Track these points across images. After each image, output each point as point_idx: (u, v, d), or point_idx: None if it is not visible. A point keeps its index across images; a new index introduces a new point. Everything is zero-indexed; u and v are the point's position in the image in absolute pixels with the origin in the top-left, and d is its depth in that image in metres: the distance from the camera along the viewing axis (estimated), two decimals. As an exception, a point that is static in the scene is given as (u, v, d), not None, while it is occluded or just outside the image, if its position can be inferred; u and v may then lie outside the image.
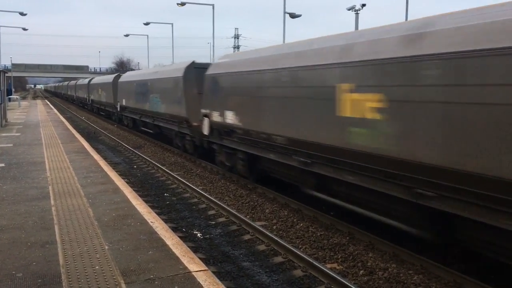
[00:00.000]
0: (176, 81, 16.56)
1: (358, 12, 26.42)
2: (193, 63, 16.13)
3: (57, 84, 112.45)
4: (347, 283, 5.87)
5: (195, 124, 14.71)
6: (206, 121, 13.17)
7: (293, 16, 30.53)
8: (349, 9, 26.82)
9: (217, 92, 12.41)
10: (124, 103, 26.31)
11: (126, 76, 27.38)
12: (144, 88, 21.64)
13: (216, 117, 12.37)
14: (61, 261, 5.35)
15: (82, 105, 51.12)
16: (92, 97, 40.46)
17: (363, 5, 26.59)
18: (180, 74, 16.21)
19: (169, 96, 17.61)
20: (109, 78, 32.46)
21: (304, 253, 7.06)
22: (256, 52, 11.59)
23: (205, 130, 13.26)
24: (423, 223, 6.63)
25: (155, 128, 21.03)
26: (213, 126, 12.74)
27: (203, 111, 13.31)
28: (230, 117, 11.41)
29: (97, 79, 40.15)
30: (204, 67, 14.74)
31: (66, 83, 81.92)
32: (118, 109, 27.85)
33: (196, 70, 15.61)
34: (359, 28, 25.69)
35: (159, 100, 19.06)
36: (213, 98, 12.68)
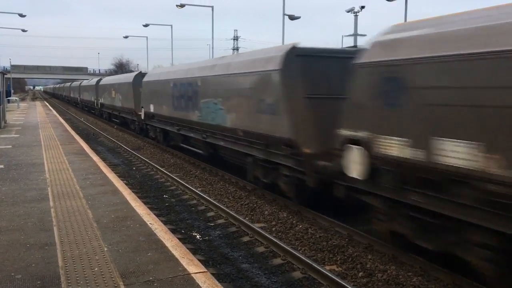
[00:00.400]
0: (265, 78, 9.88)
1: (357, 14, 26.47)
2: (294, 48, 9.41)
3: (56, 86, 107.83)
4: (347, 285, 5.87)
5: (309, 150, 8.66)
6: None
7: (292, 18, 30.59)
8: (348, 11, 26.88)
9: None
10: (152, 110, 19.55)
11: (156, 74, 20.26)
12: (189, 89, 14.83)
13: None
14: (60, 263, 5.35)
15: (88, 109, 45.16)
16: (102, 100, 34.56)
17: (362, 7, 26.66)
18: (274, 66, 9.51)
19: (250, 103, 10.73)
20: (128, 77, 26.22)
21: (303, 254, 7.06)
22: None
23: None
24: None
25: (207, 148, 14.25)
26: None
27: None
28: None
29: (110, 79, 34.77)
30: (316, 54, 9.54)
31: (68, 84, 75.17)
32: (142, 117, 21.35)
33: (301, 60, 9.29)
34: (358, 31, 25.77)
35: (222, 108, 12.22)
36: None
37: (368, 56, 6.84)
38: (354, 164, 6.95)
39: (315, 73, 9.16)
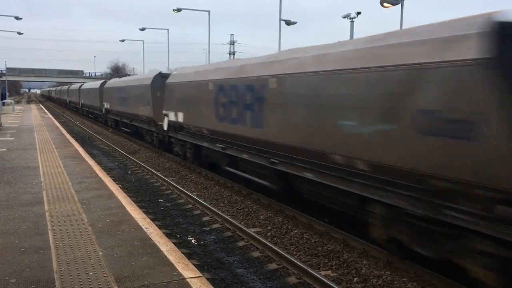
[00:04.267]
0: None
1: (353, 20, 26.58)
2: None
3: (53, 89, 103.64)
4: (341, 290, 5.87)
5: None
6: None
7: (288, 23, 30.68)
8: (344, 17, 26.97)
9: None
10: (180, 119, 15.06)
11: (186, 75, 15.14)
12: (248, 94, 10.24)
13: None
14: (55, 267, 5.33)
15: (92, 116, 38.14)
16: (107, 106, 29.57)
17: (358, 13, 26.76)
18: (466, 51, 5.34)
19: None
20: (146, 78, 20.74)
21: (299, 260, 7.06)
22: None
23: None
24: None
25: (278, 178, 9.86)
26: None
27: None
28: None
29: (118, 81, 28.67)
30: None
31: (65, 87, 66.58)
32: (165, 128, 16.77)
33: None
34: (354, 36, 25.84)
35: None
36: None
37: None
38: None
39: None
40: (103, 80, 32.62)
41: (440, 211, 5.62)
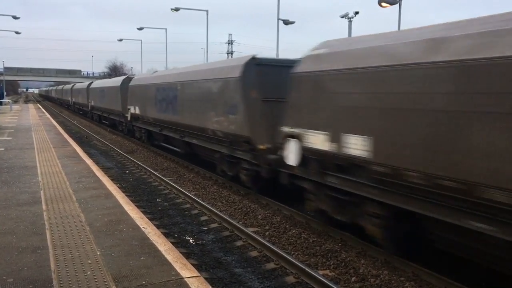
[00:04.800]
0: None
1: (351, 19, 26.59)
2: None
3: (53, 88, 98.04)
4: (339, 290, 5.88)
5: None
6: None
7: (286, 22, 30.69)
8: (342, 17, 26.98)
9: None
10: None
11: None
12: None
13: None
14: (52, 267, 5.33)
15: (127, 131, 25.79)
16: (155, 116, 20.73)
17: (356, 12, 26.76)
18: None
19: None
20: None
21: (297, 259, 7.07)
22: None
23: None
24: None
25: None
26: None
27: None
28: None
29: (183, 75, 17.19)
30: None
31: (68, 86, 56.96)
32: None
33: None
34: (352, 35, 25.86)
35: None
36: None
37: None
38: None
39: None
40: (125, 76, 26.14)
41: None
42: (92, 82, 35.99)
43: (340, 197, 7.59)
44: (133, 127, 22.73)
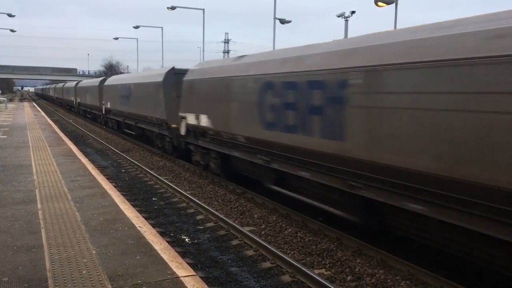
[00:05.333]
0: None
1: (348, 19, 26.62)
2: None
3: (50, 86, 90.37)
4: (335, 289, 5.88)
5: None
6: None
7: (283, 21, 30.69)
8: (338, 16, 27.01)
9: None
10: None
11: None
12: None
13: None
14: (47, 266, 5.30)
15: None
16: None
17: (353, 12, 26.80)
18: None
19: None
20: None
21: (292, 258, 7.07)
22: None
23: None
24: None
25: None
26: None
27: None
28: None
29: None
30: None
31: (71, 84, 48.55)
32: None
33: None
34: (349, 35, 25.90)
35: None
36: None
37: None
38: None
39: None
40: (169, 69, 18.17)
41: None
42: (105, 79, 30.58)
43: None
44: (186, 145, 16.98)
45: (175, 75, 16.33)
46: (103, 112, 28.33)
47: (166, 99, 16.17)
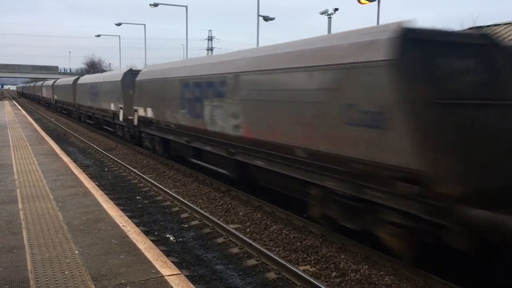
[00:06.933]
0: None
1: (331, 16, 26.72)
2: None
3: (31, 84, 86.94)
4: (320, 285, 5.91)
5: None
6: None
7: (266, 19, 30.69)
8: (322, 13, 27.10)
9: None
10: None
11: None
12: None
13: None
14: (29, 267, 5.22)
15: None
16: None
17: (336, 9, 26.92)
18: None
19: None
20: None
21: (277, 255, 7.08)
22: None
23: None
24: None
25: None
26: None
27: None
28: None
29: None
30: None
31: (69, 80, 35.85)
32: None
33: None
34: (333, 31, 26.01)
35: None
36: None
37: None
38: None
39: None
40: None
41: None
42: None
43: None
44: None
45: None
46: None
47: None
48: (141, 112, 16.43)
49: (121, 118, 19.66)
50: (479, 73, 6.08)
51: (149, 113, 15.62)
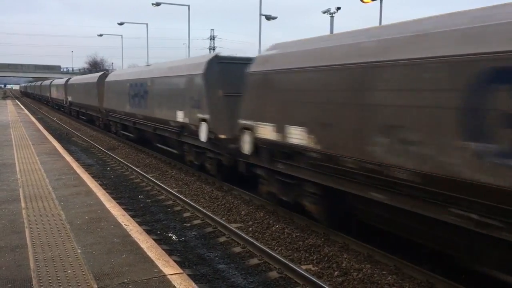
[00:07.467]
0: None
1: (333, 15, 26.69)
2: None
3: (50, 82, 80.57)
4: (322, 284, 5.90)
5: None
6: None
7: (268, 18, 30.67)
8: (324, 12, 27.07)
9: None
10: None
11: None
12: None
13: None
14: (32, 266, 5.23)
15: None
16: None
17: (338, 8, 26.89)
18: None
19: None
20: None
21: (280, 254, 7.08)
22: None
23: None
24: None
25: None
26: None
27: None
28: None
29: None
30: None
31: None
32: None
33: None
34: (334, 32, 25.97)
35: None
36: None
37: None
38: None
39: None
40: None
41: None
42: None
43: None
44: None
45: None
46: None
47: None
48: (263, 131, 8.85)
49: (203, 137, 11.80)
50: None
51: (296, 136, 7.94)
